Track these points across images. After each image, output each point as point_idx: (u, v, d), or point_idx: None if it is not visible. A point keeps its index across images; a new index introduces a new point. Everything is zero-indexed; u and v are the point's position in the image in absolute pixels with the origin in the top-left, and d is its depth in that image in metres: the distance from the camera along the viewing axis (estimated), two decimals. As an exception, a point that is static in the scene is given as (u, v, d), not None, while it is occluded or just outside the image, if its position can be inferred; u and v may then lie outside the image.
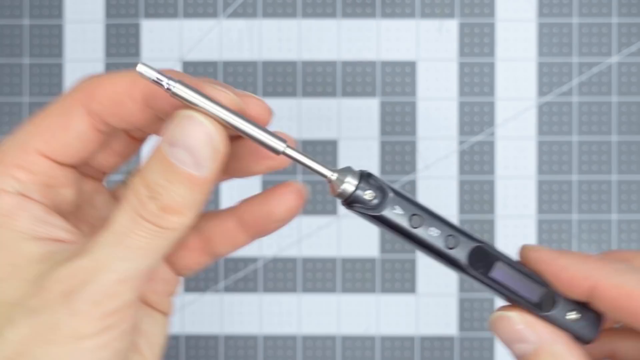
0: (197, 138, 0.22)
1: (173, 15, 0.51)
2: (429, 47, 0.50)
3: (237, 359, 0.50)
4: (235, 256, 0.50)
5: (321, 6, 0.51)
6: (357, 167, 0.26)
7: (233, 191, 0.50)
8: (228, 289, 0.50)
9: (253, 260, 0.50)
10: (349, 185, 0.24)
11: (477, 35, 0.50)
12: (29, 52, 0.51)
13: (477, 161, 0.50)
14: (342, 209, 0.50)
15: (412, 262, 0.50)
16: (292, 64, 0.50)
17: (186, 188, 0.22)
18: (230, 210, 0.28)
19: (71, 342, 0.22)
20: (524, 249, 0.26)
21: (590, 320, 0.24)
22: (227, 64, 0.51)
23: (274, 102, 0.50)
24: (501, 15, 0.50)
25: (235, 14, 0.51)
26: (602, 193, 0.50)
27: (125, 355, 0.24)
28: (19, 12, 0.51)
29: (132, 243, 0.22)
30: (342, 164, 0.50)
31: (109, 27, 0.51)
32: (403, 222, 0.25)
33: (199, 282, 0.50)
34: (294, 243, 0.50)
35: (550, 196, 0.50)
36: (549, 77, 0.50)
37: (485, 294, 0.49)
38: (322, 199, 0.50)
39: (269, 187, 0.28)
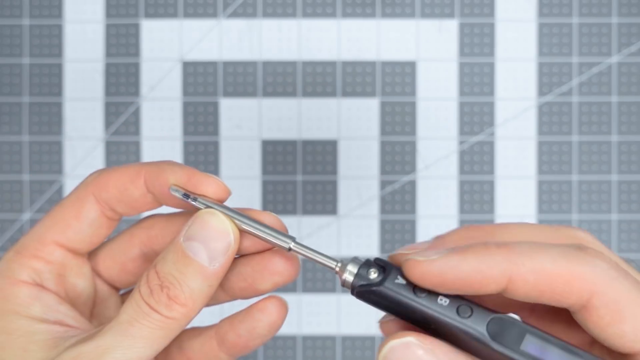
0: (214, 233, 0.24)
1: (173, 15, 0.51)
2: (429, 47, 0.50)
3: (237, 359, 0.50)
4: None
5: (321, 6, 0.51)
6: (357, 168, 0.26)
7: (233, 191, 0.50)
8: (228, 289, 0.50)
9: (253, 260, 0.50)
10: (350, 274, 0.23)
11: (477, 35, 0.50)
12: (29, 52, 0.51)
13: (477, 161, 0.50)
14: (342, 209, 0.50)
15: (412, 262, 0.50)
16: (292, 64, 0.50)
17: (197, 280, 0.24)
18: (213, 329, 0.29)
19: None
20: (408, 264, 0.22)
21: None
22: (227, 64, 0.51)
23: (274, 102, 0.50)
24: (501, 15, 0.50)
25: (235, 14, 0.51)
26: (602, 193, 0.50)
27: None
28: (19, 12, 0.51)
29: (136, 332, 0.24)
30: (342, 164, 0.50)
31: (109, 27, 0.51)
32: (407, 292, 0.22)
33: (199, 282, 0.50)
34: (294, 243, 0.50)
35: (550, 196, 0.50)
36: (549, 77, 0.50)
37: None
38: (322, 199, 0.50)
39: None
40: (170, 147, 0.51)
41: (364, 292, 0.23)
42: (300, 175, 0.50)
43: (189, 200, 0.25)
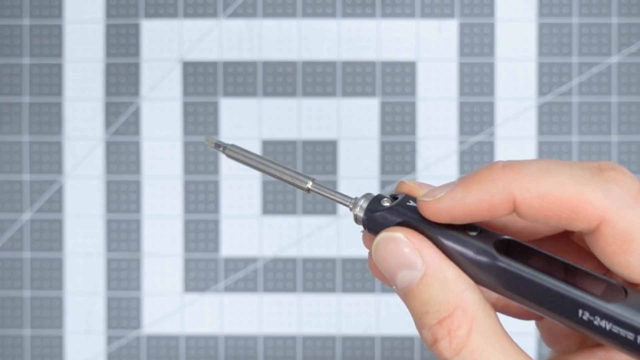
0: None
1: (173, 15, 0.51)
2: (429, 47, 0.50)
3: (237, 359, 0.50)
4: (236, 256, 0.50)
5: (321, 6, 0.50)
6: (357, 168, 0.26)
7: (233, 191, 0.50)
8: (228, 289, 0.50)
9: (253, 260, 0.50)
10: (360, 208, 0.24)
11: (477, 35, 0.50)
12: (29, 52, 0.51)
13: (477, 161, 0.50)
14: (342, 209, 0.50)
15: (412, 262, 0.50)
16: (292, 64, 0.50)
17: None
18: None
19: None
20: (419, 206, 0.22)
21: None
22: (227, 64, 0.51)
23: (274, 102, 0.50)
24: (501, 15, 0.50)
25: (235, 14, 0.51)
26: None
27: None
28: (19, 12, 0.51)
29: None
30: (342, 164, 0.50)
31: (109, 27, 0.51)
32: (416, 214, 0.22)
33: (199, 282, 0.50)
34: (294, 243, 0.50)
35: (550, 196, 0.50)
36: (549, 77, 0.50)
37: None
38: (322, 199, 0.50)
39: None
40: (170, 147, 0.51)
41: (374, 218, 0.23)
42: (300, 167, 0.50)
43: (220, 149, 0.25)
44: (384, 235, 0.22)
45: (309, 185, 0.25)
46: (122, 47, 0.51)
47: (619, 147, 0.50)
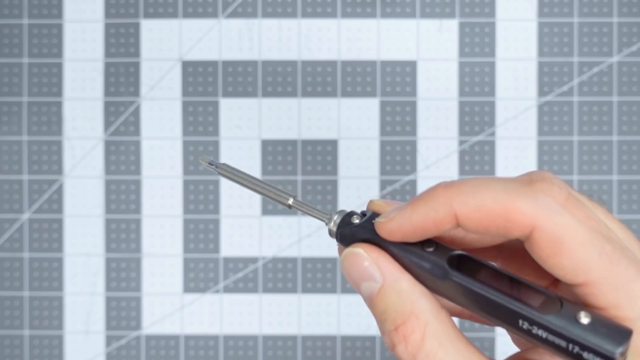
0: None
1: (173, 15, 0.51)
2: (429, 47, 0.50)
3: (237, 359, 0.50)
4: (236, 256, 0.50)
5: (321, 6, 0.50)
6: (357, 168, 0.26)
7: (233, 191, 0.50)
8: (228, 289, 0.50)
9: (253, 260, 0.50)
10: (334, 223, 0.26)
11: (477, 35, 0.50)
12: (29, 51, 0.51)
13: (477, 161, 0.50)
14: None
15: (412, 262, 0.50)
16: (292, 64, 0.50)
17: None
18: None
19: None
20: (376, 227, 0.24)
21: (611, 327, 0.21)
22: (226, 64, 0.50)
23: (274, 102, 0.50)
24: (501, 15, 0.50)
25: (234, 14, 0.51)
26: (602, 193, 0.50)
27: None
28: (19, 11, 0.51)
29: None
30: (342, 164, 0.50)
31: (108, 27, 0.51)
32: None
33: (199, 282, 0.50)
34: (294, 243, 0.50)
35: (550, 196, 0.50)
36: (549, 77, 0.50)
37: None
38: (322, 199, 0.50)
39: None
40: (170, 147, 0.51)
41: (344, 233, 0.25)
42: (300, 175, 0.50)
43: (213, 167, 0.28)
44: (347, 250, 0.24)
45: (290, 202, 0.27)
46: (122, 47, 0.51)
47: (619, 146, 0.50)
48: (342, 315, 0.50)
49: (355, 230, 0.25)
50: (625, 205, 0.49)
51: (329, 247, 0.50)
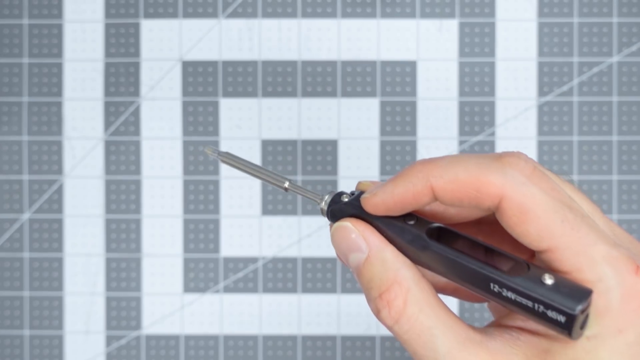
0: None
1: (173, 15, 0.51)
2: (429, 47, 0.50)
3: (237, 359, 0.50)
4: (235, 256, 0.50)
5: (321, 6, 0.50)
6: (357, 168, 0.27)
7: (233, 191, 0.50)
8: (228, 289, 0.50)
9: (253, 260, 0.50)
10: (325, 203, 0.28)
11: (477, 35, 0.50)
12: (29, 51, 0.51)
13: (477, 161, 0.50)
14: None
15: (412, 262, 0.50)
16: (292, 64, 0.50)
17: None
18: None
19: None
20: (362, 203, 0.26)
21: (573, 288, 0.23)
22: (226, 64, 0.51)
23: (274, 102, 0.50)
24: (501, 15, 0.50)
25: (234, 14, 0.51)
26: (602, 193, 0.50)
27: None
28: (19, 11, 0.51)
29: None
30: (342, 164, 0.50)
31: (108, 27, 0.51)
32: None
33: (199, 282, 0.50)
34: (294, 243, 0.50)
35: (550, 196, 0.50)
36: (549, 77, 0.50)
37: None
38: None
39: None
40: (170, 147, 0.51)
41: (334, 210, 0.27)
42: (300, 175, 0.50)
43: (216, 155, 0.30)
44: (336, 224, 0.26)
45: (286, 184, 0.29)
46: (122, 47, 0.51)
47: (619, 146, 0.50)
48: (342, 315, 0.50)
49: (343, 207, 0.27)
50: (625, 205, 0.49)
51: (329, 247, 0.50)
